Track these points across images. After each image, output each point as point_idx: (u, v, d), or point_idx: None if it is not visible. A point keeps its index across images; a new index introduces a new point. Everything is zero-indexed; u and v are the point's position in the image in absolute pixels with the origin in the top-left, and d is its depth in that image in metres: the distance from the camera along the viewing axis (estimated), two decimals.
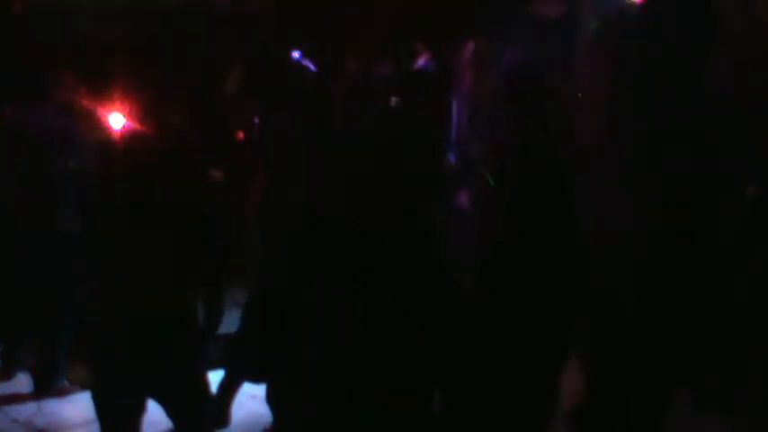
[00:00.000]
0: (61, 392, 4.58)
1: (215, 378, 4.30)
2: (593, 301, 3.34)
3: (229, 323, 4.61)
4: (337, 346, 2.30)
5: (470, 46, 5.20)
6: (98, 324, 3.23)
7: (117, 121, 3.24)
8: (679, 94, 3.56)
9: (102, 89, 3.50)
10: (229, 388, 4.23)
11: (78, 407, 4.36)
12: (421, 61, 5.52)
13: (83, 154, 4.17)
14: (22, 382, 4.70)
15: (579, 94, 4.14)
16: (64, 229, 4.34)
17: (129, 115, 3.23)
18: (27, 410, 4.47)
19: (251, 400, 4.28)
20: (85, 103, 4.05)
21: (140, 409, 3.23)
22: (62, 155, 4.42)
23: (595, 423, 3.44)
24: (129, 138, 3.21)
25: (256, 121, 5.17)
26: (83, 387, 4.37)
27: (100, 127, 3.31)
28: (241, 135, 5.21)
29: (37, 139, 4.49)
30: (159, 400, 3.24)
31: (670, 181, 3.35)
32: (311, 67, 5.33)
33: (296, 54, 5.45)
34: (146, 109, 3.25)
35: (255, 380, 3.98)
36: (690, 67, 3.67)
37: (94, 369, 3.26)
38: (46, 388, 4.60)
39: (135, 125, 3.22)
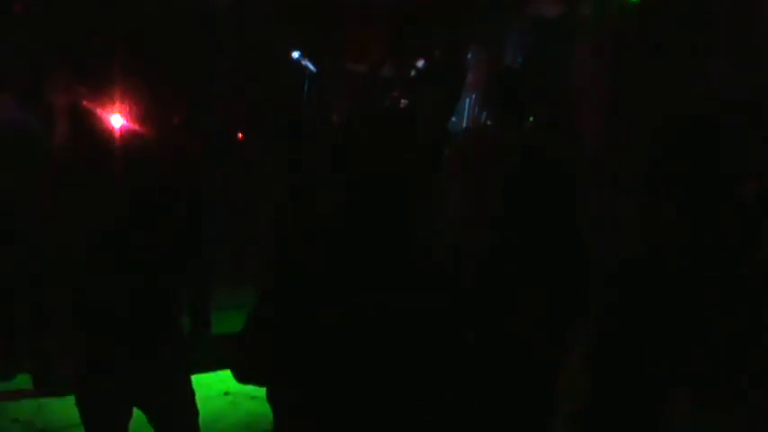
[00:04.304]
0: (61, 392, 4.58)
1: (215, 379, 4.31)
2: (594, 301, 3.34)
3: (230, 323, 4.60)
4: (338, 347, 2.30)
5: (471, 46, 5.21)
6: (83, 324, 3.10)
7: (116, 120, 3.24)
8: (679, 94, 3.57)
9: (101, 88, 3.50)
10: None
11: None
12: (421, 61, 5.53)
13: (83, 153, 4.17)
14: (22, 383, 4.70)
15: (578, 95, 4.15)
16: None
17: (127, 115, 3.23)
18: (27, 410, 4.47)
19: (251, 400, 4.28)
20: (84, 102, 4.06)
21: (126, 414, 3.13)
22: (62, 154, 4.42)
23: (595, 423, 3.44)
24: (128, 137, 3.19)
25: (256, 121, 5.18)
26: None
27: (99, 126, 3.31)
28: (241, 135, 5.23)
29: (36, 138, 4.49)
30: (142, 408, 3.13)
31: (670, 181, 3.35)
32: (311, 67, 5.34)
33: (296, 54, 5.46)
34: (145, 108, 3.24)
35: (256, 381, 3.96)
36: (690, 66, 3.67)
37: (79, 373, 3.13)
38: (46, 388, 4.60)
39: (134, 125, 3.21)
